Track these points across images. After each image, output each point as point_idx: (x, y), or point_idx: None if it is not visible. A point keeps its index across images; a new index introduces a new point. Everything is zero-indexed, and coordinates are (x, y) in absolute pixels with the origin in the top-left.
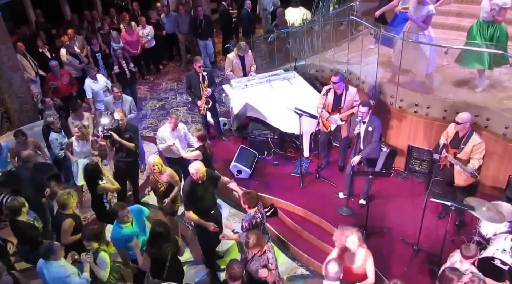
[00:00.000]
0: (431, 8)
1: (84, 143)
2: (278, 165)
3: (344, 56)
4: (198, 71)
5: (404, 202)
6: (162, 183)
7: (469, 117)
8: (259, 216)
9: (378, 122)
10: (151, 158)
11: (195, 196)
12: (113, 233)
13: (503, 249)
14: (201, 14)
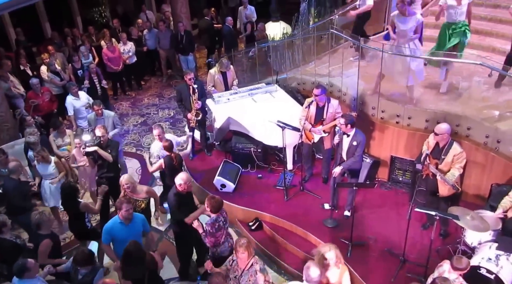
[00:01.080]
0: (419, 17)
1: (45, 165)
2: (262, 178)
3: (325, 68)
4: (189, 83)
5: (389, 213)
6: (141, 200)
7: (448, 128)
8: (221, 220)
9: (363, 137)
10: (122, 178)
11: (181, 206)
12: (109, 223)
13: (488, 257)
14: (182, 29)
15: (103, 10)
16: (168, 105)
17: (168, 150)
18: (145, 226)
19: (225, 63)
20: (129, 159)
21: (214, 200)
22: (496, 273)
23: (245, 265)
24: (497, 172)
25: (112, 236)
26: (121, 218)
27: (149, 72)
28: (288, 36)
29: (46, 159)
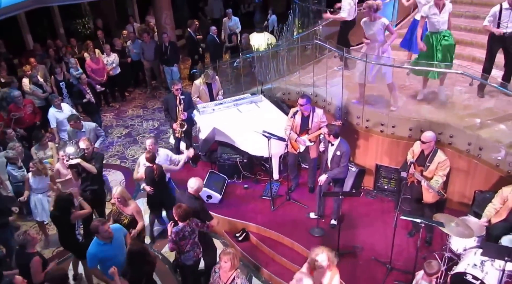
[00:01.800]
0: (384, 20)
1: (41, 178)
2: (248, 188)
3: (310, 78)
4: (176, 94)
5: (375, 221)
6: (126, 216)
7: (434, 136)
8: (187, 230)
9: (347, 148)
10: (115, 189)
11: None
12: (92, 249)
13: (474, 263)
14: (167, 40)
15: (86, 22)
16: (152, 117)
17: (150, 161)
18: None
19: (211, 74)
20: (113, 171)
21: (180, 209)
22: (481, 279)
23: (226, 279)
24: (480, 178)
25: (99, 259)
26: (101, 239)
27: (133, 84)
28: (273, 46)
29: (41, 172)
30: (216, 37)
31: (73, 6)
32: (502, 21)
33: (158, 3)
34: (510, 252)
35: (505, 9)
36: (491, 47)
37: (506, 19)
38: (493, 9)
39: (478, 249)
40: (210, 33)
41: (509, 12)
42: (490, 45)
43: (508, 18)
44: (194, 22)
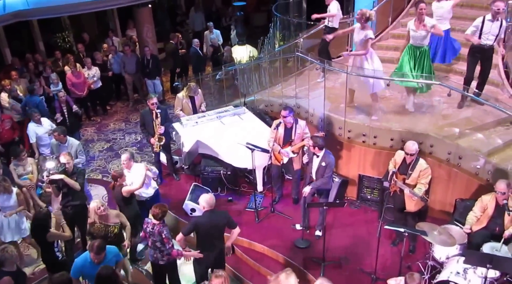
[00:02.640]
0: (369, 33)
1: (6, 196)
2: (232, 201)
3: (292, 90)
4: (152, 108)
5: (359, 231)
6: (113, 225)
7: (417, 146)
8: (149, 228)
9: (332, 159)
10: (93, 202)
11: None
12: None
13: (457, 271)
14: (148, 54)
15: (66, 35)
16: (135, 130)
17: (112, 178)
18: (117, 257)
19: (193, 88)
20: (95, 186)
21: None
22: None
23: None
24: (460, 187)
25: (83, 273)
26: (92, 257)
27: (114, 97)
28: (255, 59)
29: (7, 189)
30: (198, 50)
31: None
32: (483, 33)
33: (139, 16)
34: (491, 259)
35: (488, 20)
36: (471, 57)
37: (488, 31)
38: (477, 20)
39: (460, 257)
40: (193, 45)
41: (491, 24)
42: (470, 55)
43: (490, 30)
44: (177, 35)
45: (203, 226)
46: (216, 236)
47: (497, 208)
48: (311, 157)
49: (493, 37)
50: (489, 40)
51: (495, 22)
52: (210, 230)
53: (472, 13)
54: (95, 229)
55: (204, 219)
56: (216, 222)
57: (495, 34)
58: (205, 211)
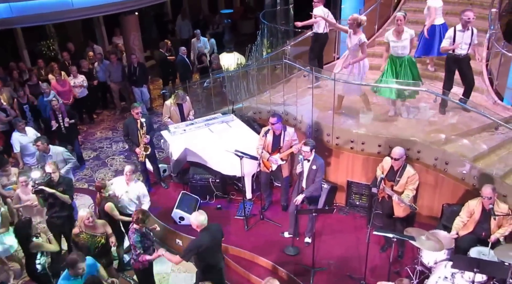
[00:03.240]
0: (362, 37)
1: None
2: (222, 208)
3: (280, 97)
4: (136, 117)
5: (348, 237)
6: (100, 235)
7: (404, 152)
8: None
9: (322, 162)
10: (83, 211)
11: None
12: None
13: (445, 276)
14: (135, 61)
15: (51, 43)
16: (122, 139)
17: (96, 189)
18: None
19: (181, 95)
20: (81, 195)
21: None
22: None
23: None
24: (447, 192)
25: None
26: (72, 274)
27: (101, 106)
28: (243, 66)
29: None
30: (185, 58)
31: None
32: (456, 42)
33: (126, 24)
34: (479, 264)
35: (458, 31)
36: (448, 68)
37: (460, 40)
38: (449, 31)
39: (448, 261)
40: (180, 53)
41: (463, 34)
42: (447, 66)
43: (462, 39)
44: (166, 42)
45: (205, 246)
46: (217, 250)
47: (483, 212)
48: (303, 166)
49: (466, 46)
50: (462, 50)
51: (466, 32)
52: (212, 247)
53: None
54: (80, 239)
55: (204, 239)
56: (215, 237)
57: (468, 43)
58: (201, 231)
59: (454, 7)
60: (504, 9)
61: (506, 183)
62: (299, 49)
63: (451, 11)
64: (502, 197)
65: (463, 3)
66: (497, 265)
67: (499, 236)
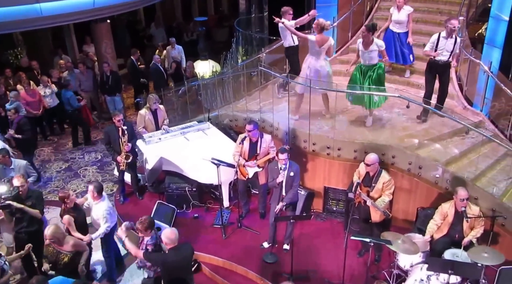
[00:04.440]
0: (330, 40)
1: None
2: (199, 217)
3: (256, 105)
4: (118, 125)
5: (326, 243)
6: (65, 253)
7: (377, 158)
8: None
9: (297, 167)
10: (47, 229)
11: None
12: None
13: (421, 279)
14: (108, 70)
15: (19, 52)
16: (94, 148)
17: (60, 200)
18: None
19: (153, 97)
20: (53, 208)
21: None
22: None
23: None
24: (421, 196)
25: None
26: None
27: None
28: (218, 74)
29: None
30: (159, 66)
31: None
32: (439, 49)
33: (97, 32)
34: (453, 265)
35: (442, 37)
36: (428, 74)
37: (443, 47)
38: (433, 37)
39: (424, 264)
40: (153, 61)
41: (445, 41)
42: (427, 72)
43: (444, 46)
44: (136, 50)
45: (172, 264)
46: (185, 272)
47: (456, 215)
48: (278, 170)
49: (447, 53)
50: (443, 56)
51: (449, 39)
52: (179, 267)
53: (427, 29)
54: (48, 252)
55: (170, 258)
56: (183, 256)
57: (450, 50)
58: (170, 249)
59: (424, 15)
60: (471, 18)
61: (477, 185)
62: (275, 57)
63: (421, 19)
64: (474, 200)
65: (432, 11)
66: (471, 266)
67: (472, 238)
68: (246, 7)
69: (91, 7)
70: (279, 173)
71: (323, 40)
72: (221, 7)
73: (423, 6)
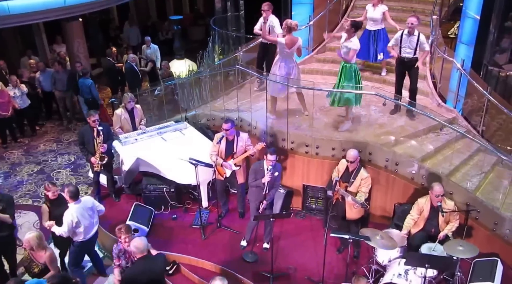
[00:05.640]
0: (299, 42)
1: None
2: (177, 218)
3: (234, 104)
4: (93, 125)
5: (306, 241)
6: (37, 264)
7: (358, 153)
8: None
9: (280, 166)
10: (27, 234)
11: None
12: None
13: (399, 273)
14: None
15: None
16: (68, 151)
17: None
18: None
19: (128, 96)
20: (24, 212)
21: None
22: None
23: None
24: (398, 192)
25: None
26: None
27: (45, 116)
28: (195, 73)
29: None
30: (134, 65)
31: None
32: (402, 46)
33: (69, 31)
34: (429, 259)
35: (405, 34)
36: (397, 70)
37: (405, 44)
38: (397, 34)
39: (401, 259)
40: (128, 61)
41: (408, 39)
42: (396, 69)
43: (407, 43)
44: (112, 49)
45: (137, 278)
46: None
47: (432, 210)
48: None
49: (411, 51)
50: (407, 53)
51: (411, 37)
52: (144, 280)
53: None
54: (24, 256)
55: (136, 269)
56: (151, 269)
57: (413, 47)
58: (138, 259)
59: (398, 14)
60: (444, 17)
61: (452, 181)
62: (252, 55)
63: (396, 18)
64: (449, 194)
65: (406, 10)
66: (446, 259)
67: (447, 232)
68: (222, 5)
69: (62, 5)
70: (263, 173)
71: (293, 41)
72: (196, 5)
73: (397, 5)
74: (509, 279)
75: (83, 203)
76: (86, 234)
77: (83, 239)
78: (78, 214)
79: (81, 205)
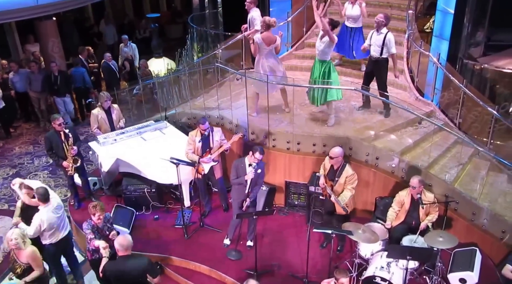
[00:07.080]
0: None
1: None
2: (159, 218)
3: (214, 102)
4: (59, 129)
5: (289, 237)
6: (20, 264)
7: (341, 151)
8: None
9: (263, 163)
10: (10, 232)
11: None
12: None
13: (381, 266)
14: (56, 70)
15: None
16: (45, 153)
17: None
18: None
19: (104, 95)
20: (0, 217)
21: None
22: (389, 280)
23: None
24: (379, 186)
25: None
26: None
27: (20, 118)
28: (174, 71)
29: None
30: (111, 64)
31: None
32: (371, 43)
33: (42, 30)
34: (411, 251)
35: (374, 33)
36: (365, 69)
37: (373, 42)
38: (370, 32)
39: (383, 252)
40: (104, 60)
41: (376, 36)
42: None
43: (375, 41)
44: (86, 48)
45: (113, 274)
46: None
47: (412, 202)
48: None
49: (378, 49)
50: (375, 52)
51: (379, 35)
52: (122, 279)
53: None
54: (10, 256)
55: (115, 266)
56: (129, 269)
57: (380, 45)
58: (120, 256)
59: (375, 9)
60: (420, 11)
61: (431, 173)
62: (231, 53)
63: (372, 13)
64: (428, 187)
65: (382, 5)
66: (427, 251)
67: (428, 223)
68: (199, 3)
69: (35, 4)
70: (245, 170)
71: (270, 38)
72: (173, 3)
73: (373, 0)
74: (488, 267)
75: (52, 202)
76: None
77: (55, 241)
78: (48, 218)
79: (50, 207)
